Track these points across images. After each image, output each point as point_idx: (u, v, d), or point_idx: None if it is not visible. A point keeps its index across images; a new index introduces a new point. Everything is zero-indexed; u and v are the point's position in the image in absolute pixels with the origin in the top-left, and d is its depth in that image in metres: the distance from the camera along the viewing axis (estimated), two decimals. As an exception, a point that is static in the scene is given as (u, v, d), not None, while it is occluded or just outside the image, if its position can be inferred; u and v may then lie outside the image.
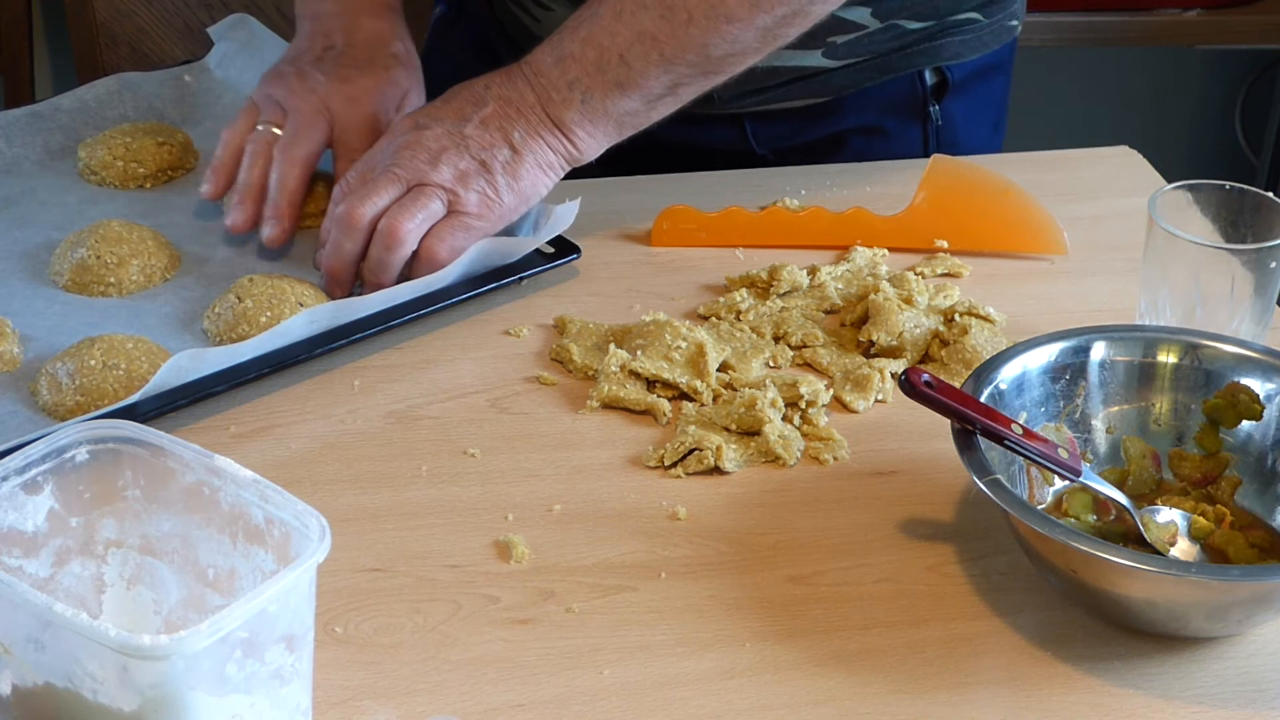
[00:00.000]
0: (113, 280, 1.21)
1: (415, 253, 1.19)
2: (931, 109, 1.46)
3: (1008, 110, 1.56)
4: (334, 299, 1.18)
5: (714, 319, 1.22)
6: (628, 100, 1.20)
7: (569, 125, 1.20)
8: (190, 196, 1.33)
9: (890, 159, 1.45)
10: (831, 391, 1.15)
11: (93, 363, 1.09)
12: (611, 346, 1.16)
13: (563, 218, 1.24)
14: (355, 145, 1.27)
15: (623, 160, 1.29)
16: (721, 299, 1.24)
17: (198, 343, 1.16)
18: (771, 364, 1.19)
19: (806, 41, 1.27)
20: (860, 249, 1.30)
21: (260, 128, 1.27)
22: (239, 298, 1.17)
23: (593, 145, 1.22)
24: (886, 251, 1.30)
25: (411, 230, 1.17)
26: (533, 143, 1.20)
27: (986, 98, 1.51)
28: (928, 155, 1.39)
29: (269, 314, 1.16)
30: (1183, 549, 1.01)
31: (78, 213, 1.30)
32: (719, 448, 1.08)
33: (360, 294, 1.19)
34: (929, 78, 1.45)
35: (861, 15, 1.36)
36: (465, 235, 1.19)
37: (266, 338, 1.11)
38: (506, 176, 1.19)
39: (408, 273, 1.20)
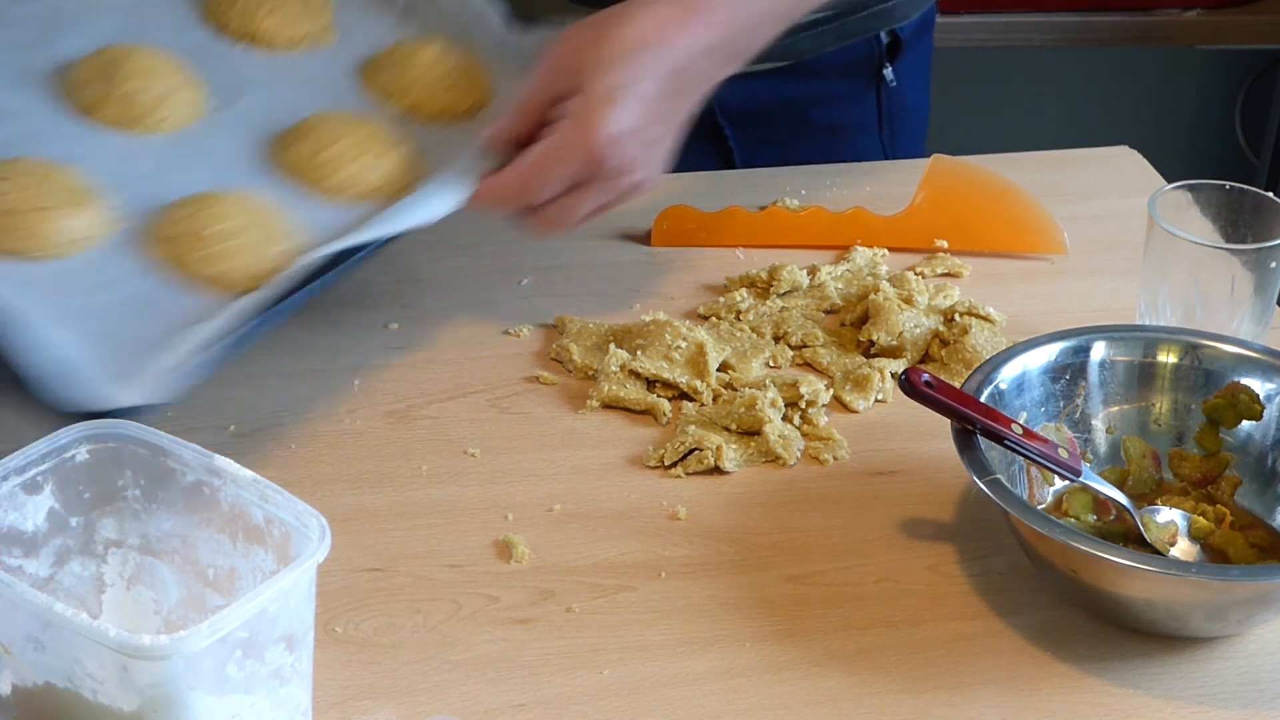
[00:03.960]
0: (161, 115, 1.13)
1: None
2: (885, 71, 1.47)
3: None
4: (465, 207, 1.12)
5: (714, 319, 1.22)
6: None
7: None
8: None
9: (847, 124, 1.46)
10: (831, 391, 1.15)
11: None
12: (611, 346, 1.16)
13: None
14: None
15: None
16: (721, 299, 1.24)
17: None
18: (771, 364, 1.19)
19: None
20: (860, 249, 1.30)
21: None
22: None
23: None
24: (886, 251, 1.30)
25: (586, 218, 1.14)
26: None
27: (922, 56, 1.52)
28: (880, 119, 1.39)
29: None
30: (1183, 549, 1.01)
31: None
32: (719, 448, 1.08)
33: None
34: (883, 39, 1.45)
35: None
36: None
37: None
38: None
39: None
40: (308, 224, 1.07)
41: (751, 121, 1.44)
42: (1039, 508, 1.01)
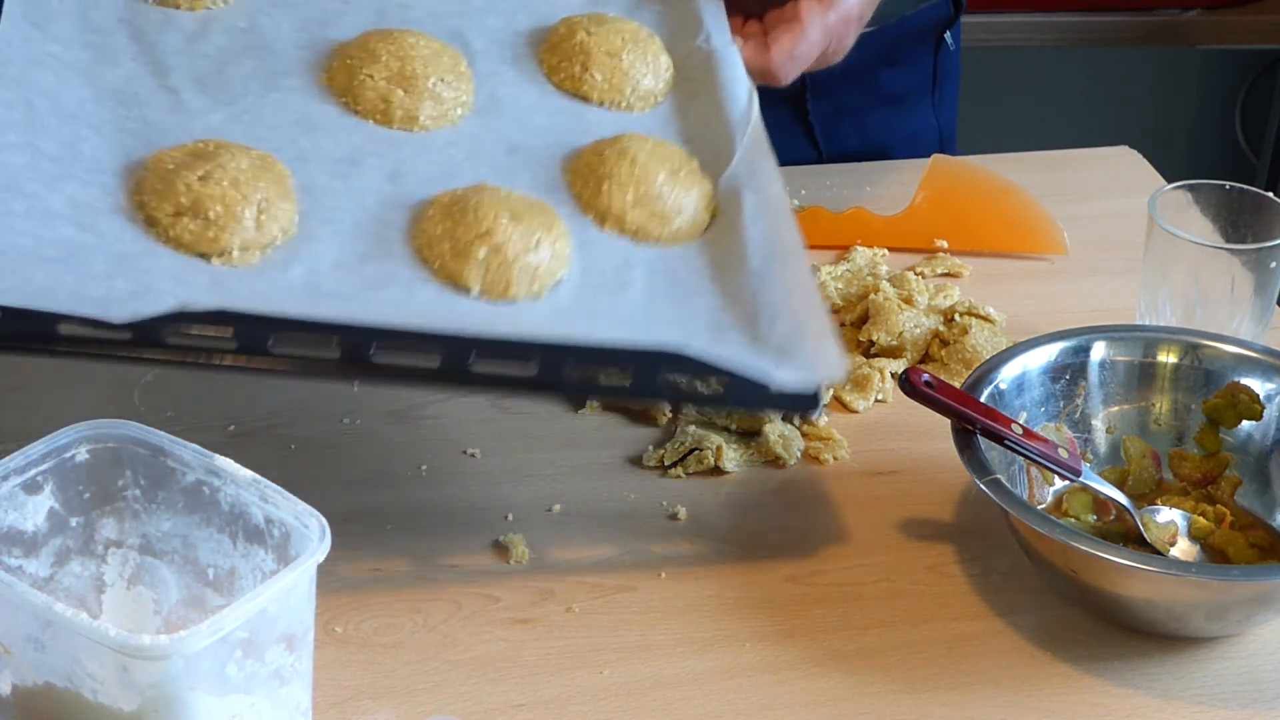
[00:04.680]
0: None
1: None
2: (946, 35, 1.49)
3: None
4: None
5: (714, 319, 1.22)
6: None
7: None
8: None
9: (910, 91, 1.47)
10: (831, 391, 1.15)
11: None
12: (611, 346, 1.16)
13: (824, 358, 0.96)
14: None
15: None
16: (721, 299, 1.24)
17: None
18: (771, 364, 1.19)
19: None
20: (860, 249, 1.30)
21: None
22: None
23: None
24: (886, 251, 1.30)
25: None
26: None
27: (958, 25, 1.54)
28: (934, 84, 1.39)
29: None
30: (1183, 549, 1.01)
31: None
32: (719, 448, 1.08)
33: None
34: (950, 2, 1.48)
35: None
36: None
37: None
38: None
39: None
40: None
41: (826, 91, 1.45)
42: (1039, 508, 1.01)
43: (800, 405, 0.96)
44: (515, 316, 0.95)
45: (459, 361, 0.91)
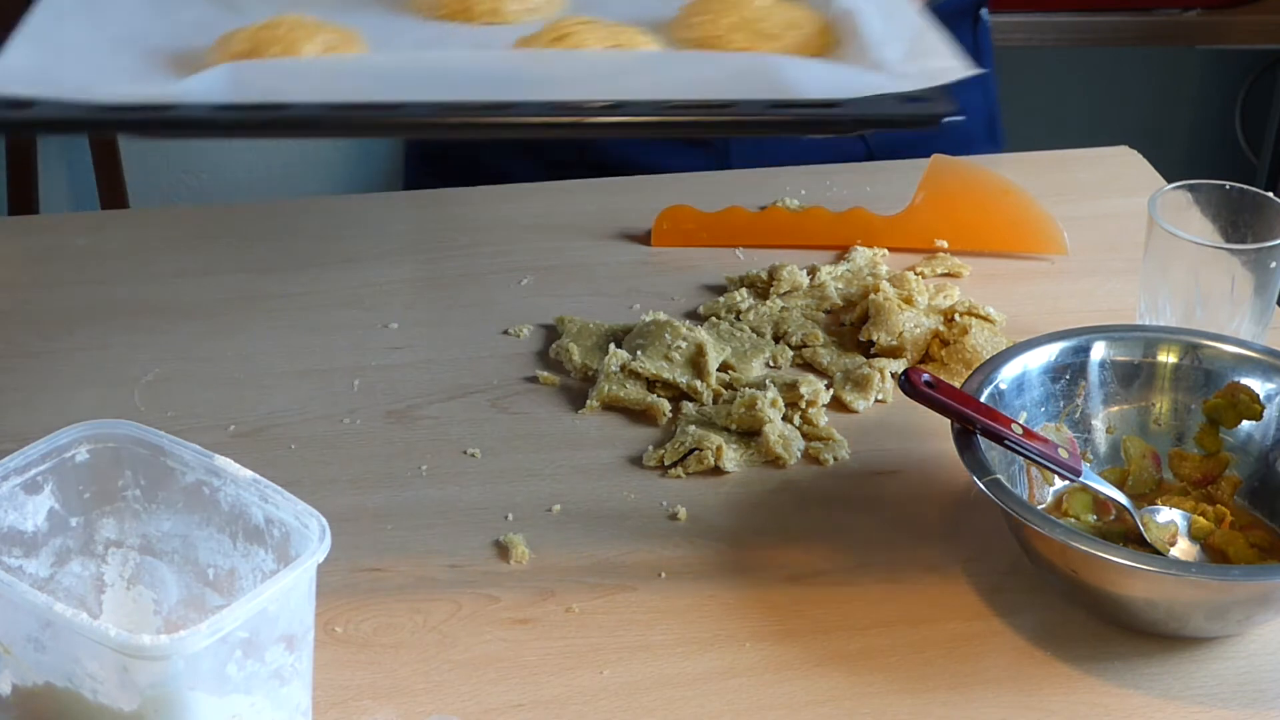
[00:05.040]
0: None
1: None
2: (982, 11, 1.49)
3: None
4: None
5: (714, 319, 1.22)
6: None
7: None
8: None
9: None
10: (831, 391, 1.15)
11: None
12: (611, 346, 1.16)
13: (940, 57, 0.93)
14: None
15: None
16: (721, 299, 1.24)
17: None
18: (771, 364, 1.19)
19: None
20: (860, 249, 1.30)
21: None
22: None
23: None
24: (886, 251, 1.30)
25: None
26: None
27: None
28: (977, 62, 1.38)
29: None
30: (1183, 549, 1.01)
31: None
32: (719, 448, 1.08)
33: None
34: None
35: None
36: None
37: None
38: None
39: None
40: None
41: None
42: (1039, 508, 1.01)
43: (923, 112, 0.88)
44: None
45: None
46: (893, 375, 1.16)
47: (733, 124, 0.90)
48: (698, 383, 1.14)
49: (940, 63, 0.91)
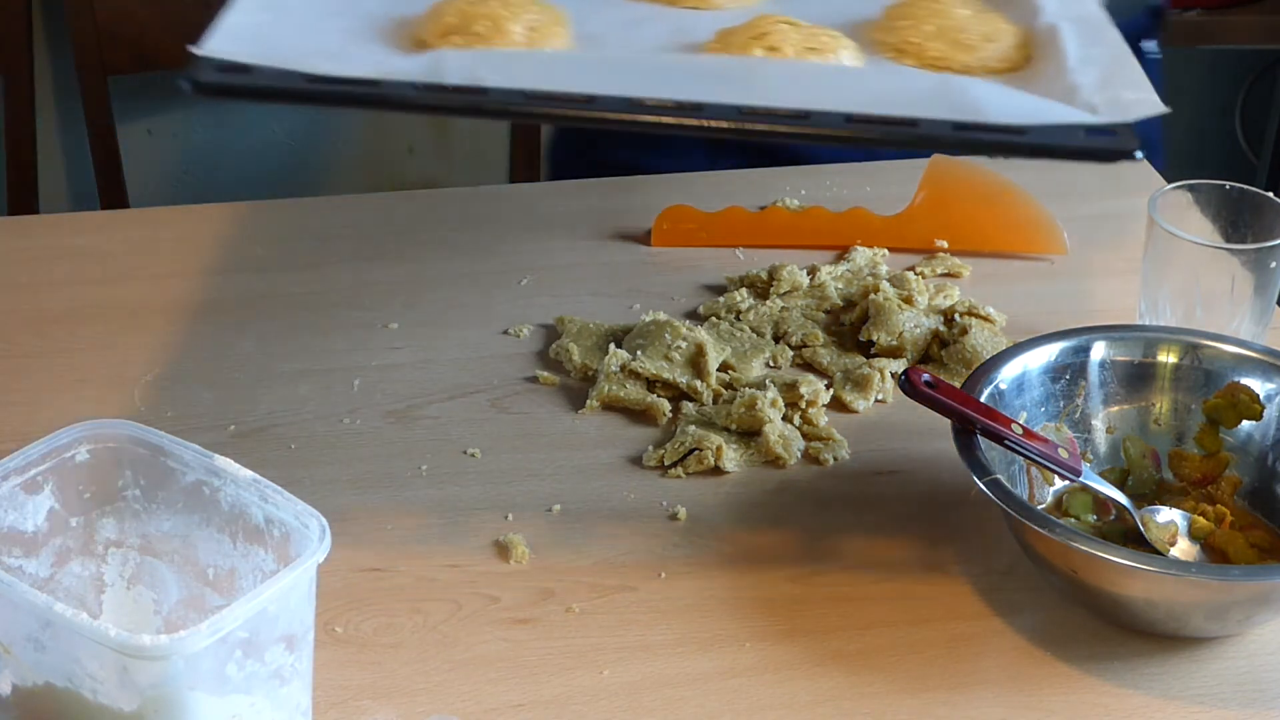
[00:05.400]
0: None
1: None
2: (1145, 43, 1.49)
3: None
4: None
5: (714, 319, 1.22)
6: None
7: None
8: None
9: None
10: (831, 391, 1.15)
11: None
12: (611, 346, 1.16)
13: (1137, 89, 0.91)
14: None
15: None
16: (721, 299, 1.24)
17: None
18: (771, 364, 1.19)
19: None
20: (860, 249, 1.30)
21: None
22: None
23: None
24: (886, 251, 1.30)
25: None
26: None
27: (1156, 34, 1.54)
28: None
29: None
30: (1183, 549, 1.01)
31: None
32: (719, 448, 1.08)
33: None
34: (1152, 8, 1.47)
35: None
36: None
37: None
38: None
39: None
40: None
41: None
42: (1039, 508, 1.01)
43: (1108, 147, 0.87)
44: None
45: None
46: (893, 375, 1.16)
47: (918, 140, 0.90)
48: (698, 383, 1.14)
49: (1132, 94, 0.89)
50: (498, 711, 0.90)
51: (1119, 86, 0.90)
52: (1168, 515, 1.03)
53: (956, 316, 1.20)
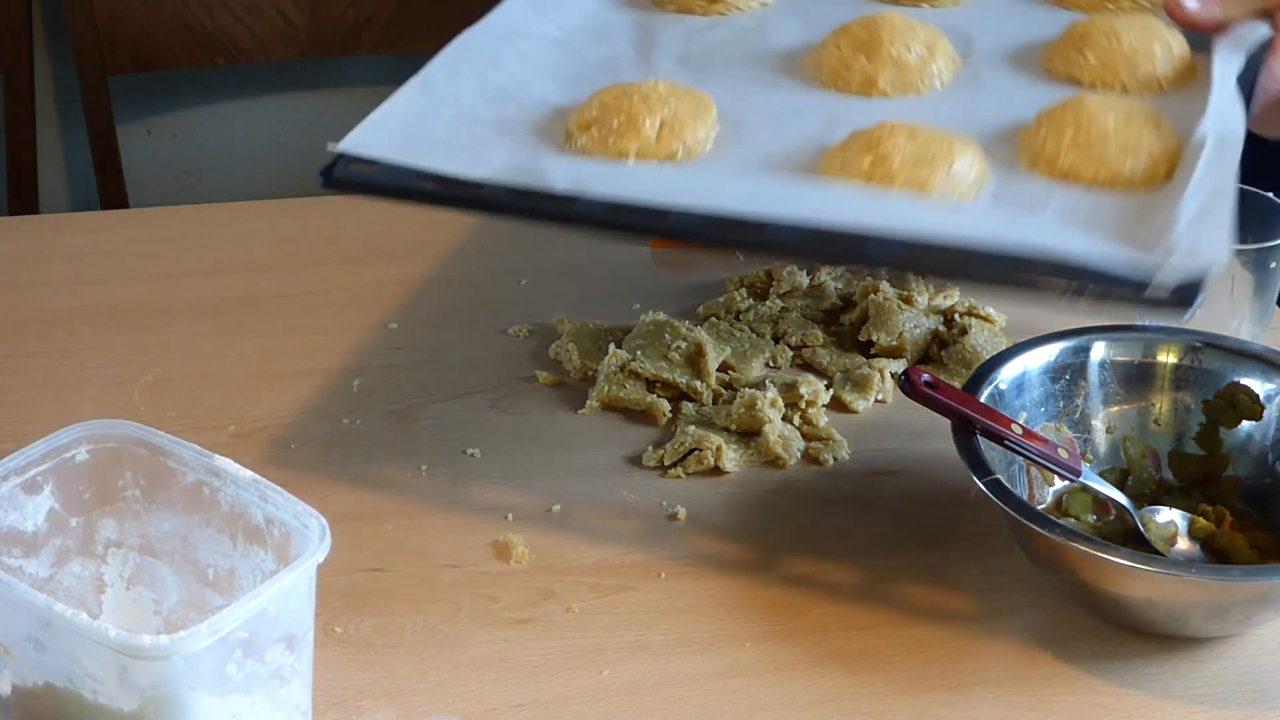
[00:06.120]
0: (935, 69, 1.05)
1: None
2: None
3: None
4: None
5: (714, 319, 1.22)
6: None
7: None
8: None
9: None
10: (831, 391, 1.15)
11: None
12: (611, 346, 1.16)
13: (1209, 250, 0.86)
14: None
15: None
16: (721, 299, 1.24)
17: None
18: (771, 364, 1.19)
19: None
20: (860, 249, 1.30)
21: None
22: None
23: None
24: (886, 251, 1.30)
25: None
26: None
27: None
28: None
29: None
30: (1183, 549, 1.01)
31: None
32: (719, 448, 1.08)
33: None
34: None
35: None
36: None
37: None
38: None
39: None
40: (1158, 111, 0.98)
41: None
42: (1039, 508, 1.00)
43: (1171, 301, 0.83)
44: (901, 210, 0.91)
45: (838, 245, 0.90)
46: (893, 375, 1.16)
47: (970, 275, 0.90)
48: (697, 383, 1.14)
49: (1207, 256, 0.85)
50: (498, 711, 0.90)
51: (1199, 239, 0.86)
52: (1168, 515, 1.03)
53: (956, 316, 1.20)
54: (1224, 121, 0.97)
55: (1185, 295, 0.83)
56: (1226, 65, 1.03)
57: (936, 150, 0.94)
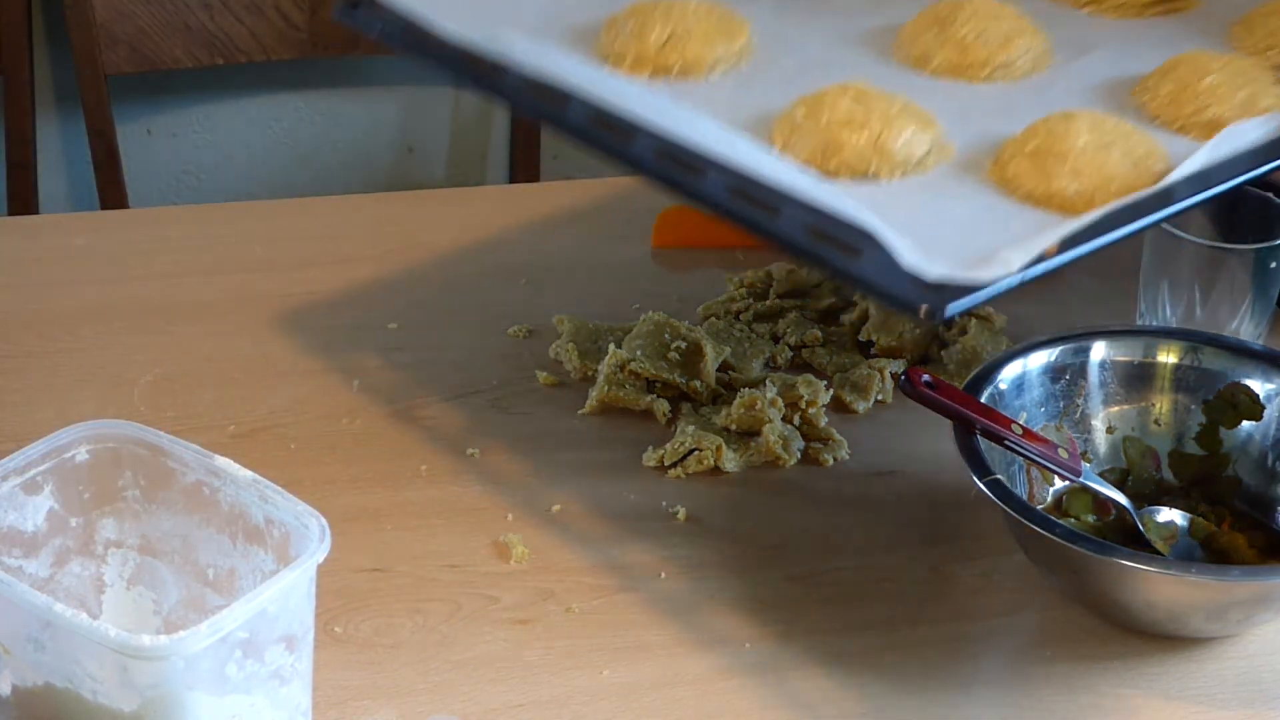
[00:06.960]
0: (1002, 61, 1.02)
1: None
2: None
3: None
4: None
5: (714, 319, 1.22)
6: None
7: None
8: None
9: None
10: (831, 391, 1.15)
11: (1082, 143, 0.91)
12: (611, 346, 1.16)
13: None
14: None
15: None
16: (721, 299, 1.24)
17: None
18: (771, 364, 1.19)
19: None
20: (860, 249, 1.30)
21: None
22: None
23: None
24: (886, 251, 1.30)
25: None
26: None
27: None
28: None
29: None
30: (1183, 549, 1.01)
31: None
32: (719, 448, 1.08)
33: None
34: None
35: None
36: None
37: None
38: None
39: None
40: (1168, 153, 0.94)
41: None
42: (1039, 508, 1.00)
43: (910, 296, 0.81)
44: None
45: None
46: (893, 375, 1.16)
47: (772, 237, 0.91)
48: (697, 383, 1.14)
49: (991, 270, 0.84)
50: (498, 711, 0.90)
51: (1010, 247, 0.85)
52: (1168, 515, 1.03)
53: (956, 317, 1.20)
54: (1193, 166, 0.92)
55: (937, 299, 0.81)
56: None
57: (873, 118, 0.92)
